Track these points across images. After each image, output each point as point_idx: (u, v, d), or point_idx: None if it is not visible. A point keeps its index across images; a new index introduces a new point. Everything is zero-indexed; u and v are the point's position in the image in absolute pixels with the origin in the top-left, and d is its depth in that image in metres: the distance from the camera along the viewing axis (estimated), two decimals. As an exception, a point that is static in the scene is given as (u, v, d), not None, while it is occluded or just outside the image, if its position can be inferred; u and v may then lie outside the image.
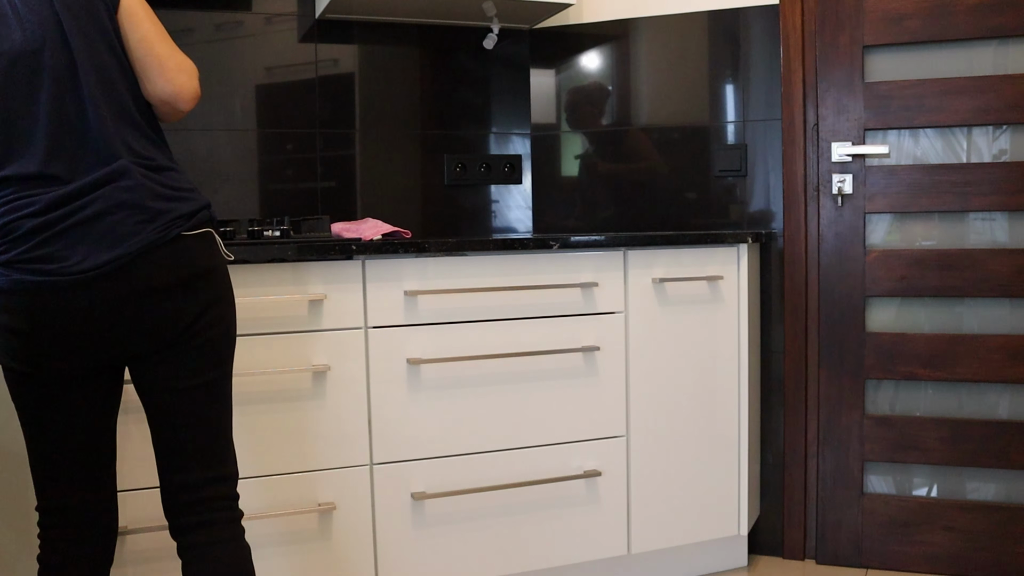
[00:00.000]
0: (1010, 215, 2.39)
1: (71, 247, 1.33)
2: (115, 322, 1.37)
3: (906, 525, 2.49)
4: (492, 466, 2.12)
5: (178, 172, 1.47)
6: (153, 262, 1.37)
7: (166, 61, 1.46)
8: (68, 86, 1.39)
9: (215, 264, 1.45)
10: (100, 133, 1.39)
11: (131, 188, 1.37)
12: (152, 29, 1.47)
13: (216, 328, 1.45)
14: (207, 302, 1.43)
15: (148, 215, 1.37)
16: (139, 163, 1.41)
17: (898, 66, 2.45)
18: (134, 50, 1.46)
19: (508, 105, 2.79)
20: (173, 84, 1.47)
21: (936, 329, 2.46)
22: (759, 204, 2.58)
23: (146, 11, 1.49)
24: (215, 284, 1.45)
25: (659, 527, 2.31)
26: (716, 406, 2.35)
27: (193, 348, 1.43)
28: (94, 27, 1.42)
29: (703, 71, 2.62)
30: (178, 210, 1.41)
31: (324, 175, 2.58)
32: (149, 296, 1.37)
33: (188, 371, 1.44)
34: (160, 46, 1.47)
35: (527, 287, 2.11)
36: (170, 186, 1.43)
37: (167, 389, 1.44)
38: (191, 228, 1.42)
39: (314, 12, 2.54)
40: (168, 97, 1.47)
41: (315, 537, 1.96)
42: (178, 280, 1.39)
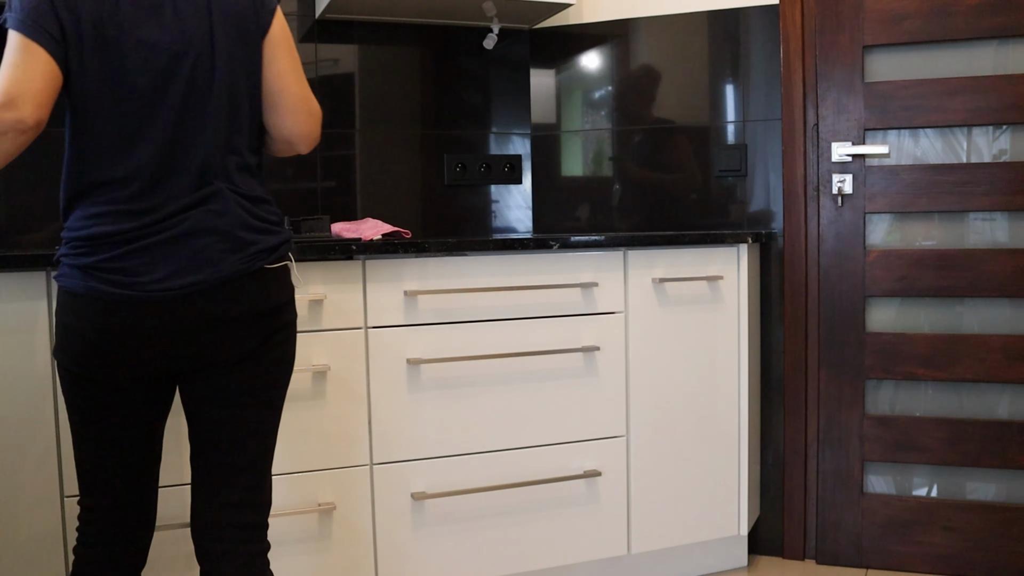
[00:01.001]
0: (1010, 215, 2.39)
1: (153, 264, 1.33)
2: (183, 343, 1.37)
3: (906, 525, 2.49)
4: (492, 466, 2.12)
5: (271, 204, 1.47)
6: (231, 292, 1.37)
7: (299, 102, 1.47)
8: (197, 100, 1.37)
9: (289, 296, 1.47)
10: (208, 154, 1.38)
11: (221, 214, 1.37)
12: (292, 65, 1.47)
13: (280, 351, 1.46)
14: (275, 329, 1.44)
15: (235, 244, 1.37)
16: (235, 190, 1.40)
17: (898, 66, 2.45)
18: (270, 82, 1.44)
19: (508, 105, 2.79)
20: (301, 126, 1.47)
21: (936, 329, 2.46)
22: (759, 204, 2.58)
23: (289, 45, 1.47)
24: (286, 312, 1.46)
25: (659, 527, 2.31)
26: (716, 406, 2.35)
27: (258, 368, 1.43)
28: (241, 47, 1.41)
29: (703, 71, 2.62)
30: (264, 243, 1.41)
31: (324, 175, 2.58)
32: (221, 325, 1.37)
33: (245, 388, 1.43)
34: (297, 84, 1.47)
35: (527, 287, 2.11)
36: (261, 218, 1.43)
37: (221, 403, 1.43)
38: (273, 261, 1.42)
39: (314, 12, 2.54)
40: (292, 137, 1.48)
41: (315, 537, 1.96)
42: (252, 313, 1.39)
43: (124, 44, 1.34)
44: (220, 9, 1.39)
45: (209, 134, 1.38)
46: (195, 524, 1.46)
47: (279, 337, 1.45)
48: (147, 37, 1.35)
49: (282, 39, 1.46)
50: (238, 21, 1.41)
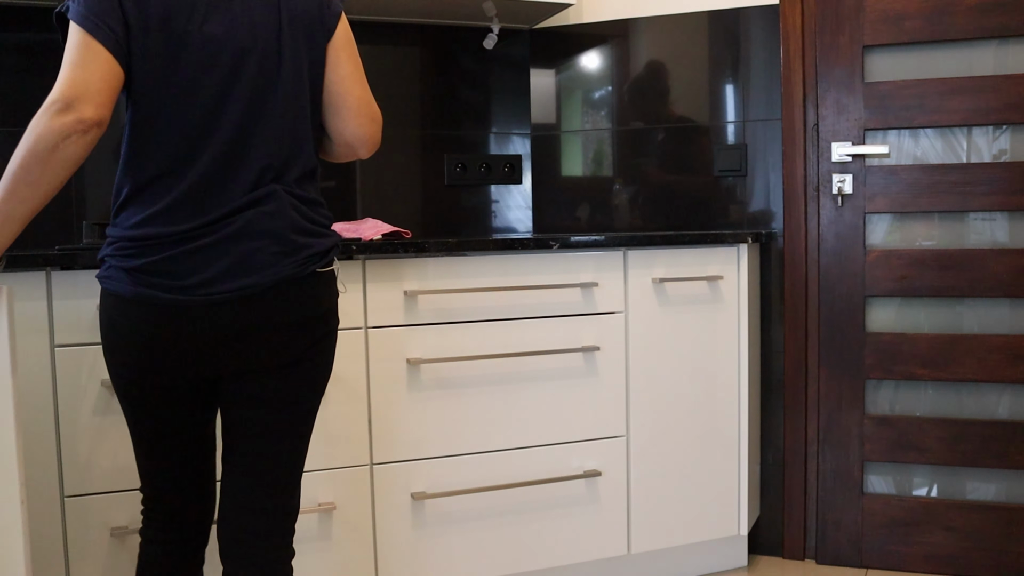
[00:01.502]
0: (1010, 215, 2.39)
1: (203, 266, 1.31)
2: (232, 347, 1.35)
3: (906, 525, 2.49)
4: (492, 466, 2.12)
5: (324, 207, 1.45)
6: (282, 297, 1.35)
7: (362, 106, 1.46)
8: (261, 98, 1.35)
9: (335, 303, 1.46)
10: (269, 155, 1.36)
11: (274, 215, 1.34)
12: (356, 69, 1.47)
13: (323, 356, 1.45)
14: (323, 334, 1.43)
15: (288, 247, 1.35)
16: (291, 192, 1.38)
17: (898, 66, 2.45)
18: (333, 84, 1.44)
19: (508, 105, 2.79)
20: (363, 130, 1.47)
21: (936, 329, 2.46)
22: (759, 204, 2.58)
23: (352, 49, 1.47)
24: (333, 318, 1.46)
25: (659, 527, 2.31)
26: (716, 406, 2.35)
27: (301, 372, 1.41)
28: (307, 48, 1.40)
29: (703, 71, 2.62)
30: (316, 247, 1.39)
31: (324, 175, 2.57)
32: (272, 328, 1.35)
33: (287, 393, 1.41)
34: (359, 88, 1.46)
35: (527, 287, 2.10)
36: (314, 220, 1.41)
37: (261, 406, 1.41)
38: (324, 265, 1.41)
39: (314, 12, 2.54)
40: (354, 141, 1.47)
41: (315, 537, 1.96)
42: (304, 317, 1.38)
43: (191, 38, 1.31)
44: (289, 7, 1.38)
45: (271, 134, 1.36)
46: (221, 524, 1.44)
47: (325, 343, 1.44)
48: (215, 32, 1.32)
49: (346, 42, 1.45)
50: (305, 21, 1.39)
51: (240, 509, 1.43)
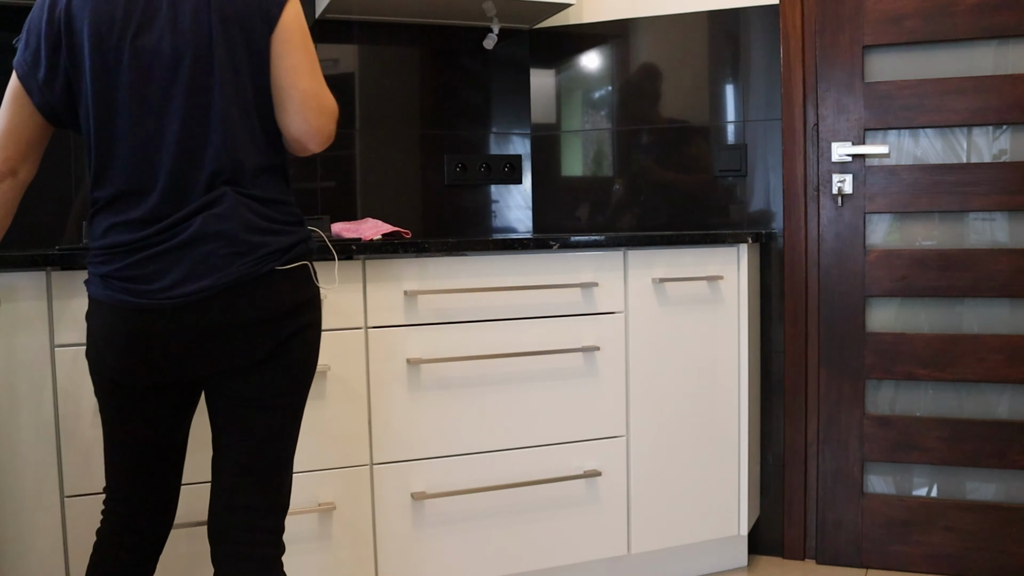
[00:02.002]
0: (1010, 215, 2.39)
1: (163, 271, 1.34)
2: (196, 349, 1.36)
3: (906, 525, 2.49)
4: (492, 466, 2.12)
5: (285, 204, 1.44)
6: (240, 297, 1.35)
7: (308, 98, 1.40)
8: (200, 104, 1.36)
9: (307, 297, 1.44)
10: (216, 157, 1.36)
11: (225, 217, 1.34)
12: (303, 60, 1.40)
13: (298, 353, 1.43)
14: (294, 331, 1.42)
15: (242, 248, 1.35)
16: (244, 193, 1.38)
17: (898, 66, 2.45)
18: (279, 78, 1.40)
19: (508, 105, 2.79)
20: (309, 123, 1.41)
21: (936, 329, 2.46)
22: (759, 204, 2.58)
23: (302, 38, 1.41)
24: (304, 314, 1.43)
25: (659, 527, 2.31)
26: (716, 406, 2.35)
27: (275, 371, 1.41)
28: (244, 46, 1.38)
29: (703, 71, 2.62)
30: (274, 244, 1.38)
31: (324, 175, 2.58)
32: (233, 329, 1.36)
33: (265, 393, 1.42)
34: (306, 79, 1.40)
35: (527, 287, 2.10)
36: (272, 219, 1.40)
37: (241, 407, 1.42)
38: (286, 263, 1.39)
39: (314, 12, 2.54)
40: (300, 135, 1.42)
41: (315, 537, 1.96)
42: (264, 317, 1.37)
43: (124, 54, 1.34)
44: (220, 8, 1.36)
45: (216, 138, 1.36)
46: (211, 526, 1.45)
47: (298, 340, 1.43)
48: (146, 44, 1.34)
49: (293, 33, 1.40)
50: (241, 18, 1.37)
51: (225, 508, 1.44)
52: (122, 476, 1.48)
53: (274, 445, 1.44)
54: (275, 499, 1.45)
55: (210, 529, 1.45)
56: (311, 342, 1.46)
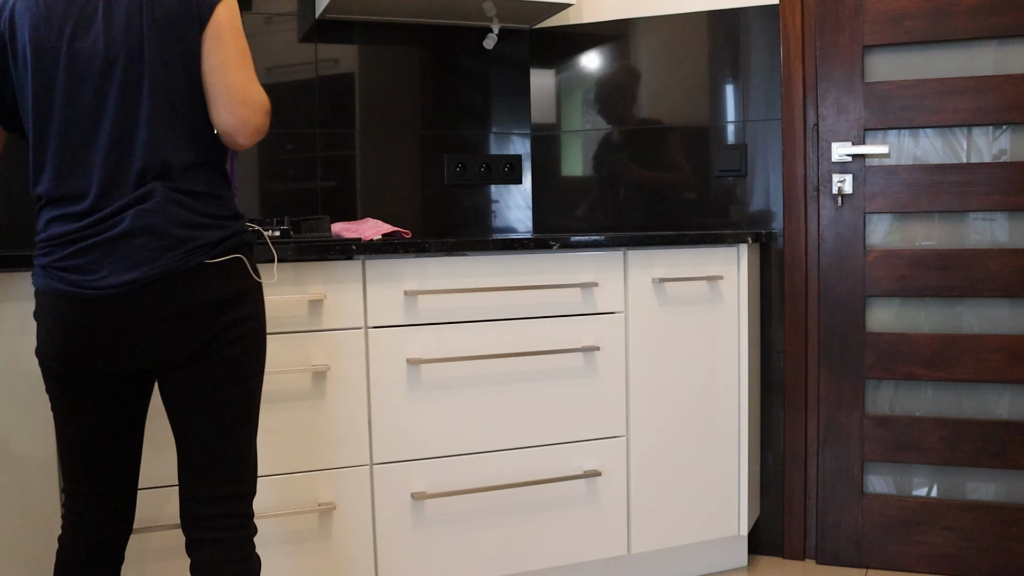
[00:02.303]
0: (1010, 215, 2.39)
1: (96, 263, 1.38)
2: (129, 339, 1.40)
3: (906, 525, 2.49)
4: (492, 466, 2.12)
5: (218, 198, 1.47)
6: (168, 289, 1.39)
7: (235, 92, 1.44)
8: (132, 105, 1.40)
9: (241, 289, 1.46)
10: (147, 155, 1.40)
11: (153, 212, 1.39)
12: (233, 55, 1.44)
13: (238, 347, 1.46)
14: (229, 324, 1.44)
15: (169, 241, 1.39)
16: (174, 188, 1.41)
17: (898, 66, 2.45)
18: (208, 75, 1.44)
19: (508, 105, 2.79)
20: (236, 117, 1.44)
21: (936, 329, 2.46)
22: (759, 204, 2.58)
23: (233, 35, 1.45)
24: (240, 307, 1.46)
25: (659, 527, 2.31)
26: (716, 406, 2.35)
27: (214, 365, 1.45)
28: (175, 45, 1.42)
29: (703, 71, 2.62)
30: (203, 238, 1.41)
31: (324, 175, 2.58)
32: (162, 321, 1.40)
33: (208, 387, 1.45)
34: (234, 75, 1.44)
35: (527, 287, 2.11)
36: (201, 212, 1.43)
37: (186, 403, 1.46)
38: (216, 256, 1.42)
39: (314, 12, 2.54)
40: (228, 129, 1.45)
41: (315, 537, 1.96)
42: (192, 309, 1.40)
43: (61, 55, 1.40)
44: (152, 10, 1.41)
45: (144, 135, 1.40)
46: (181, 517, 1.51)
47: (234, 333, 1.45)
48: (82, 47, 1.39)
49: (222, 30, 1.44)
50: (173, 20, 1.42)
51: (190, 499, 1.49)
52: (77, 472, 1.51)
53: (225, 436, 1.48)
54: (235, 487, 1.49)
55: (181, 521, 1.51)
56: (249, 335, 1.48)
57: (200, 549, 1.47)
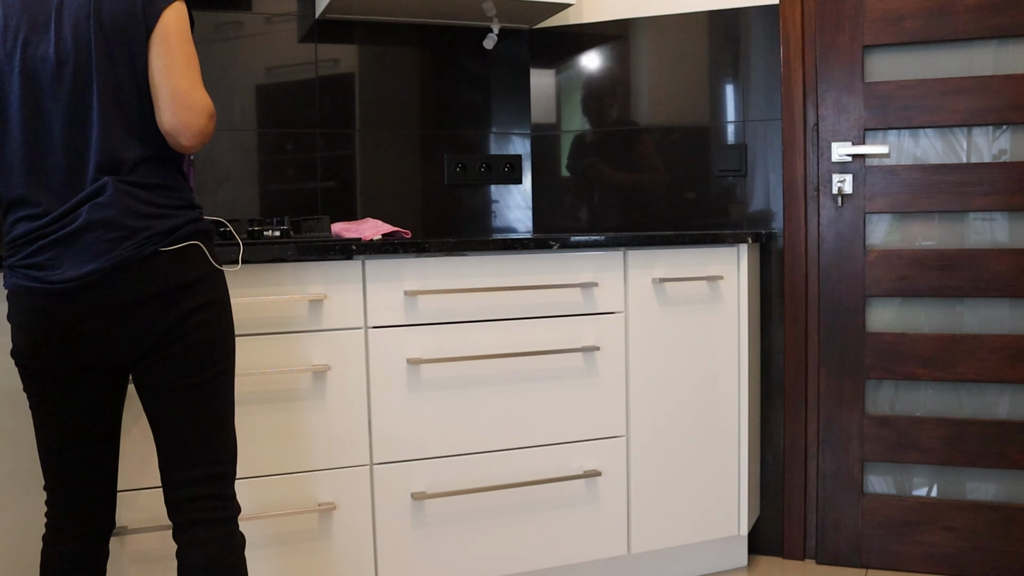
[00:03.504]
0: (1010, 215, 2.39)
1: (57, 258, 1.43)
2: (93, 330, 1.44)
3: (906, 525, 2.49)
4: (492, 466, 2.12)
5: (171, 189, 1.51)
6: (125, 278, 1.43)
7: (178, 96, 1.47)
8: (82, 107, 1.45)
9: (199, 275, 1.49)
10: (98, 153, 1.45)
11: (107, 205, 1.43)
12: (177, 60, 1.48)
13: (201, 333, 1.49)
14: (189, 310, 1.48)
15: (124, 232, 1.43)
16: (126, 181, 1.46)
17: (898, 66, 2.45)
18: (153, 77, 1.48)
19: (508, 105, 2.79)
20: (177, 119, 1.47)
21: (936, 329, 2.46)
22: (759, 204, 2.58)
23: (179, 39, 1.49)
24: (199, 293, 1.49)
25: (659, 527, 2.31)
26: (716, 406, 2.35)
27: (178, 352, 1.48)
28: (122, 48, 1.46)
29: (703, 71, 2.62)
30: (156, 227, 1.45)
31: (324, 175, 2.58)
32: (122, 310, 1.44)
33: (174, 374, 1.49)
34: (178, 78, 1.47)
35: (527, 287, 2.11)
36: (154, 203, 1.47)
37: (156, 391, 1.50)
38: (171, 244, 1.46)
39: (314, 12, 2.54)
40: (170, 130, 1.48)
41: (315, 537, 1.96)
42: (151, 295, 1.44)
43: (15, 60, 1.45)
44: (100, 18, 1.45)
45: (95, 135, 1.44)
46: (166, 504, 1.54)
47: (196, 319, 1.48)
48: (35, 53, 1.45)
49: (168, 35, 1.48)
50: (122, 25, 1.46)
51: (169, 485, 1.53)
52: (56, 468, 1.54)
53: (197, 421, 1.51)
54: (211, 468, 1.53)
55: (166, 509, 1.54)
56: (211, 320, 1.51)
57: (184, 531, 1.51)
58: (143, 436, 1.80)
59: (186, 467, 1.51)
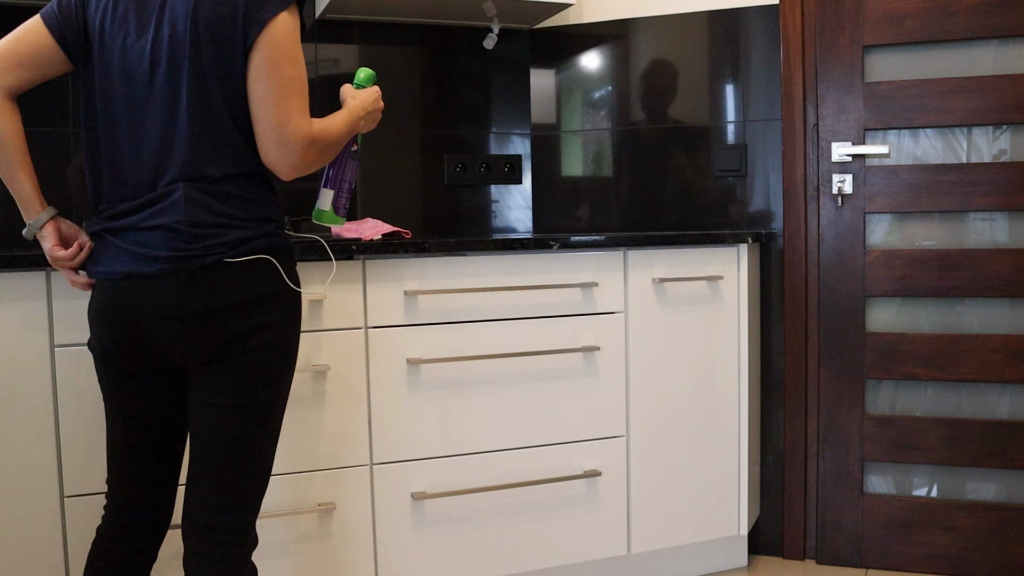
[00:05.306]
0: (1010, 215, 2.39)
1: (121, 257, 1.41)
2: (152, 331, 1.41)
3: (906, 525, 2.49)
4: (492, 466, 2.12)
5: (250, 202, 1.44)
6: (189, 287, 1.38)
7: (270, 132, 1.40)
8: (170, 109, 1.39)
9: (265, 292, 1.43)
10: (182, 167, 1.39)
11: (171, 210, 1.38)
12: (274, 88, 1.39)
13: (254, 354, 1.42)
14: (248, 328, 1.41)
15: (184, 239, 1.37)
16: (199, 188, 1.40)
17: (898, 66, 2.45)
18: (251, 104, 1.40)
19: (508, 105, 2.79)
20: (270, 156, 1.42)
21: (936, 329, 2.46)
22: (759, 204, 2.58)
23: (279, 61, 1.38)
24: (262, 311, 1.43)
25: (659, 527, 2.31)
26: (716, 406, 2.35)
27: (230, 370, 1.42)
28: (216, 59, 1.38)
29: (703, 71, 2.62)
30: (223, 237, 1.39)
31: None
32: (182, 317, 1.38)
33: (218, 391, 1.42)
34: (272, 111, 1.39)
35: (527, 287, 2.11)
36: (225, 214, 1.40)
37: (198, 403, 1.45)
38: (236, 256, 1.39)
39: (314, 12, 2.54)
40: (268, 164, 1.43)
41: (315, 537, 1.96)
42: (212, 308, 1.39)
43: (115, 52, 1.40)
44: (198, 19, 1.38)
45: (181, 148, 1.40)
46: (182, 522, 1.48)
47: (253, 339, 1.42)
48: (134, 48, 1.40)
49: (266, 59, 1.38)
50: (218, 32, 1.38)
51: (188, 502, 1.47)
52: (118, 461, 1.53)
53: (232, 444, 1.44)
54: (234, 498, 1.45)
55: (181, 526, 1.48)
56: (269, 343, 1.44)
57: (188, 560, 1.44)
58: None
59: (204, 487, 1.44)
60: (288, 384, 1.50)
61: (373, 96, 1.70)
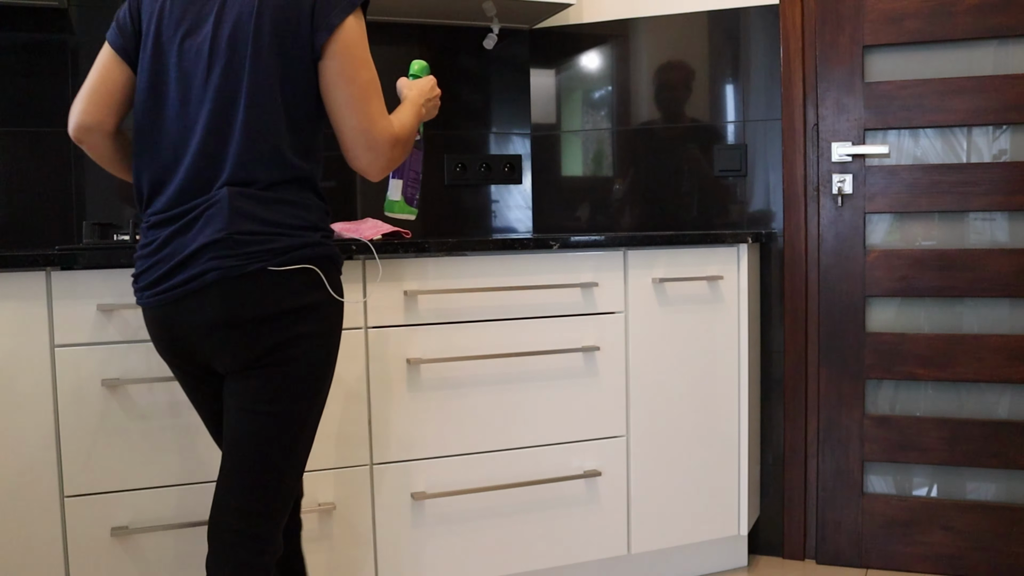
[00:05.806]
0: (1010, 215, 2.39)
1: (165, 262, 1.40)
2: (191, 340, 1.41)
3: (906, 525, 2.49)
4: (492, 466, 2.12)
5: (297, 208, 1.42)
6: (233, 293, 1.36)
7: (357, 136, 1.42)
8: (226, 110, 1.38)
9: (307, 303, 1.41)
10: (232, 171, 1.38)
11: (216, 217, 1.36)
12: (355, 93, 1.40)
13: (297, 364, 1.41)
14: (289, 338, 1.40)
15: (229, 246, 1.36)
16: (247, 194, 1.38)
17: (898, 66, 2.45)
18: (330, 113, 1.43)
19: (508, 105, 2.79)
20: (359, 162, 1.45)
21: (936, 329, 2.46)
22: (759, 204, 2.58)
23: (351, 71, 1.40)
24: (304, 321, 1.41)
25: (659, 527, 2.31)
26: (716, 406, 2.35)
27: (267, 377, 1.41)
28: (279, 58, 1.38)
29: (703, 71, 2.62)
30: (269, 244, 1.37)
31: (324, 175, 2.57)
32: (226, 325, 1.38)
33: (257, 399, 1.41)
34: (354, 117, 1.41)
35: (527, 287, 2.11)
36: (270, 221, 1.39)
37: (236, 410, 1.43)
38: (280, 264, 1.38)
39: (314, 12, 2.53)
40: (356, 168, 1.47)
41: (315, 537, 1.96)
42: (256, 315, 1.37)
43: (172, 53, 1.40)
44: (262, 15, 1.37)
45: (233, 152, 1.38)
46: (208, 523, 1.47)
47: (296, 348, 1.41)
48: (190, 46, 1.39)
49: (343, 66, 1.40)
50: (283, 32, 1.38)
51: (216, 505, 1.46)
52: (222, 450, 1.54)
53: (264, 452, 1.42)
54: (260, 505, 1.43)
55: (208, 526, 1.47)
56: (308, 353, 1.43)
57: (210, 561, 1.44)
58: (144, 436, 1.80)
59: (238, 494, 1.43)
60: (325, 395, 1.49)
61: (429, 84, 1.73)
